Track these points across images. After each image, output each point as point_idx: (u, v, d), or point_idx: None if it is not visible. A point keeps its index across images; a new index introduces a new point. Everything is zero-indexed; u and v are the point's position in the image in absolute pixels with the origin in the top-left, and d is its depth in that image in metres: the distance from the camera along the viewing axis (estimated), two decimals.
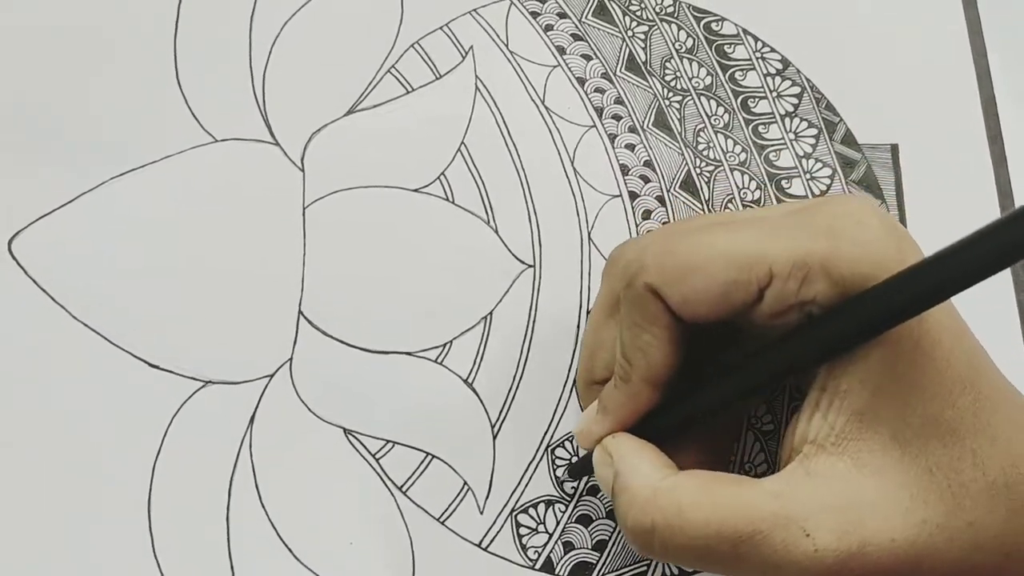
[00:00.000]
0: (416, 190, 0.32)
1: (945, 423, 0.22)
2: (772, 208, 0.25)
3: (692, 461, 0.25)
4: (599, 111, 0.33)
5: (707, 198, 0.32)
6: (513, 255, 0.31)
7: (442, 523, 0.29)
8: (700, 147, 0.33)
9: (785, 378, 0.24)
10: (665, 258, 0.24)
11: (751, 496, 0.23)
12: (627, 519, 0.24)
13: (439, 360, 0.30)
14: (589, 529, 0.29)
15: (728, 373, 0.24)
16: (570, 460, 0.30)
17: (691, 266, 0.23)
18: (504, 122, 0.33)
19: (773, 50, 0.34)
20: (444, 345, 0.30)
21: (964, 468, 0.22)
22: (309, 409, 0.29)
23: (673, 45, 0.34)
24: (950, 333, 0.23)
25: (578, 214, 0.32)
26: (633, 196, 0.32)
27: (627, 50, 0.34)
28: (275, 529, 0.28)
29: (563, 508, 0.29)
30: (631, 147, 0.33)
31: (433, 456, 0.29)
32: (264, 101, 0.32)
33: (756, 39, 0.34)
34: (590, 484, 0.30)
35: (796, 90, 0.34)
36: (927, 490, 0.22)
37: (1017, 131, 0.34)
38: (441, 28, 0.33)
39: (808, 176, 0.33)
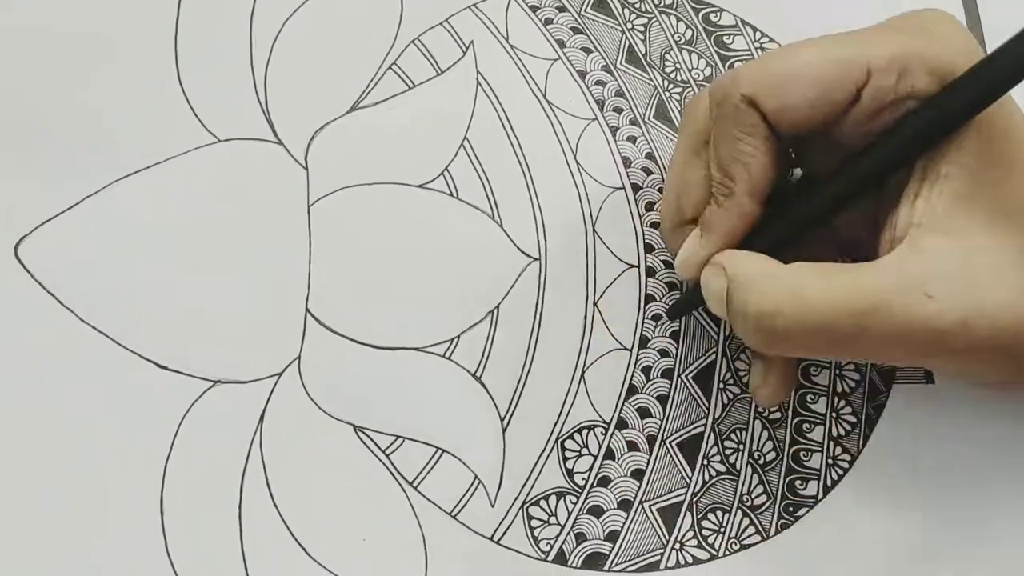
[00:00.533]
0: (420, 186, 0.32)
1: None
2: (860, 28, 0.26)
3: None
4: (600, 104, 0.33)
5: None
6: (518, 248, 0.31)
7: (454, 517, 0.29)
8: None
9: (899, 166, 0.24)
10: (760, 69, 0.25)
11: (869, 272, 0.24)
12: (748, 306, 0.24)
13: (447, 355, 0.30)
14: (601, 520, 0.29)
15: (840, 171, 0.25)
16: (579, 452, 0.30)
17: (788, 73, 0.24)
18: (506, 116, 0.33)
19: (772, 40, 0.34)
20: (452, 340, 0.30)
21: None
22: (318, 407, 0.29)
23: (672, 37, 0.34)
24: None
25: (582, 207, 0.32)
26: (636, 188, 0.32)
27: (627, 42, 0.34)
28: (287, 527, 0.28)
29: (574, 500, 0.29)
30: (633, 139, 0.33)
31: (443, 451, 0.29)
32: (266, 100, 0.32)
33: (755, 29, 0.34)
34: (600, 475, 0.30)
35: None
36: (1023, 265, 0.23)
37: None
38: (441, 24, 0.34)
39: None
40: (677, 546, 0.29)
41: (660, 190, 0.32)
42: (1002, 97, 0.23)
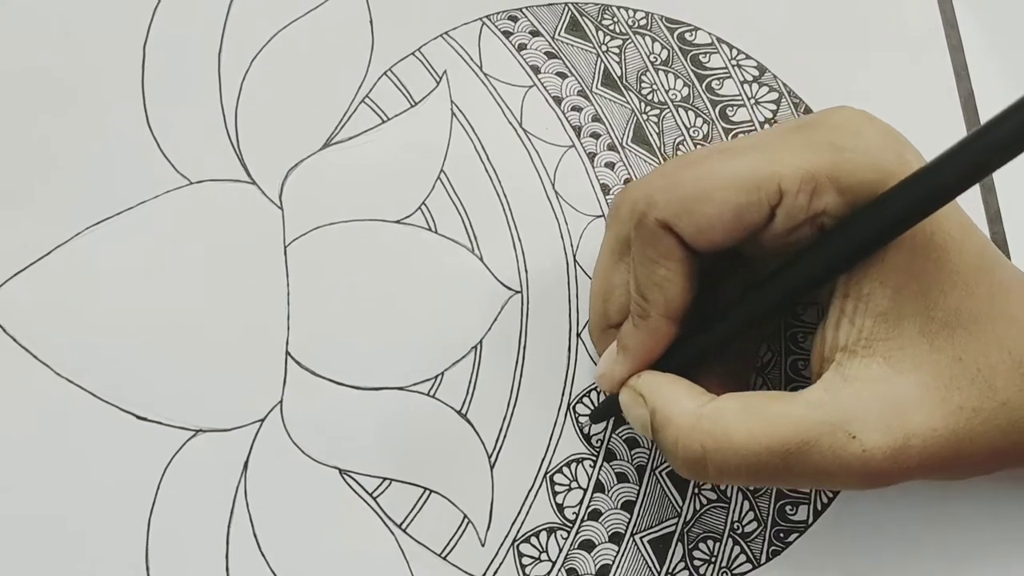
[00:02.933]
0: (398, 221, 0.31)
1: (967, 312, 0.23)
2: (769, 130, 0.26)
3: (716, 389, 0.25)
4: (577, 130, 0.33)
5: None
6: (500, 282, 0.31)
7: (444, 558, 0.29)
8: None
9: (810, 290, 0.24)
10: (674, 191, 0.24)
11: (794, 409, 0.23)
12: (676, 450, 0.24)
13: (431, 393, 0.30)
14: (592, 554, 0.29)
15: (751, 294, 0.25)
16: (568, 485, 0.30)
17: (701, 195, 0.24)
18: (483, 147, 0.32)
19: (749, 57, 0.34)
20: (435, 377, 0.30)
21: (991, 352, 0.23)
22: (303, 451, 0.29)
23: (648, 58, 0.34)
24: (959, 226, 0.24)
25: (562, 237, 0.31)
26: None
27: (602, 65, 0.33)
28: None
29: (565, 535, 0.29)
30: (611, 165, 0.32)
31: (431, 491, 0.29)
32: (238, 139, 0.32)
33: (731, 47, 0.34)
34: (591, 508, 0.30)
35: (774, 96, 0.34)
36: (959, 377, 0.23)
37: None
38: (413, 53, 0.33)
39: None
40: None
41: None
42: None
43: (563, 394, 0.30)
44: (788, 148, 0.23)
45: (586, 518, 0.29)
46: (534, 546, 0.29)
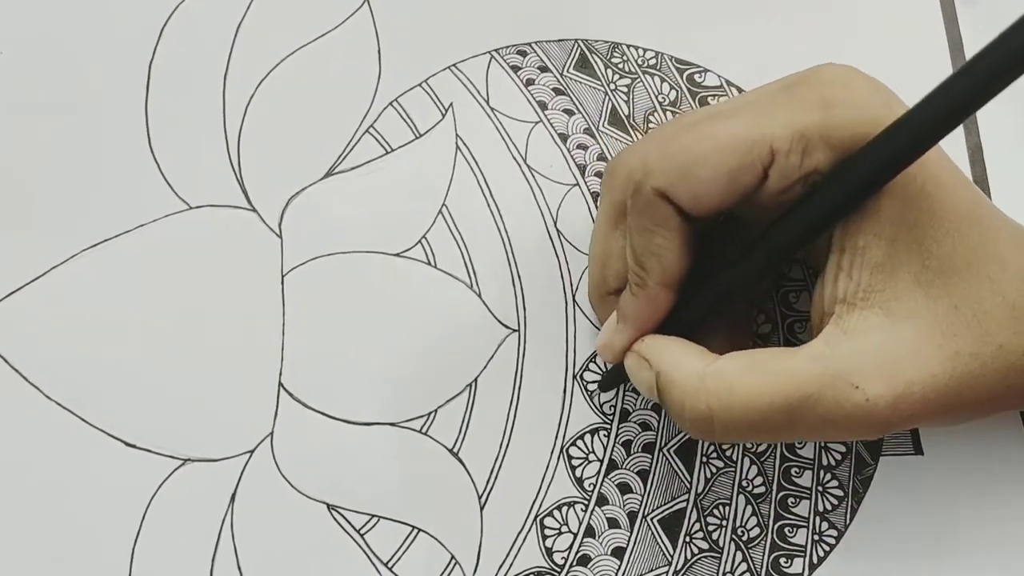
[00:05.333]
0: (397, 254, 0.31)
1: (960, 258, 0.23)
2: (757, 90, 0.26)
3: (717, 351, 0.26)
4: (582, 168, 0.32)
5: None
6: (497, 320, 0.31)
7: None
8: None
9: (803, 244, 0.24)
10: (668, 159, 0.24)
11: (795, 363, 0.24)
12: (683, 410, 0.24)
13: (424, 430, 0.30)
14: None
15: (746, 251, 0.25)
16: (558, 529, 0.29)
17: (695, 161, 0.24)
18: (486, 182, 0.32)
19: None
20: (429, 414, 0.30)
21: (984, 296, 0.23)
22: (291, 485, 0.29)
23: (656, 98, 0.33)
24: (947, 173, 0.24)
25: (562, 276, 0.31)
26: None
27: (610, 104, 0.33)
28: None
29: None
30: None
31: (419, 530, 0.29)
32: (239, 165, 0.31)
33: (740, 90, 0.34)
34: (580, 554, 0.29)
35: None
36: (955, 324, 0.23)
37: (1002, 154, 0.34)
38: (420, 85, 0.33)
39: None
40: None
41: None
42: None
43: (557, 436, 0.30)
44: (777, 108, 0.24)
45: (575, 563, 0.29)
46: None
